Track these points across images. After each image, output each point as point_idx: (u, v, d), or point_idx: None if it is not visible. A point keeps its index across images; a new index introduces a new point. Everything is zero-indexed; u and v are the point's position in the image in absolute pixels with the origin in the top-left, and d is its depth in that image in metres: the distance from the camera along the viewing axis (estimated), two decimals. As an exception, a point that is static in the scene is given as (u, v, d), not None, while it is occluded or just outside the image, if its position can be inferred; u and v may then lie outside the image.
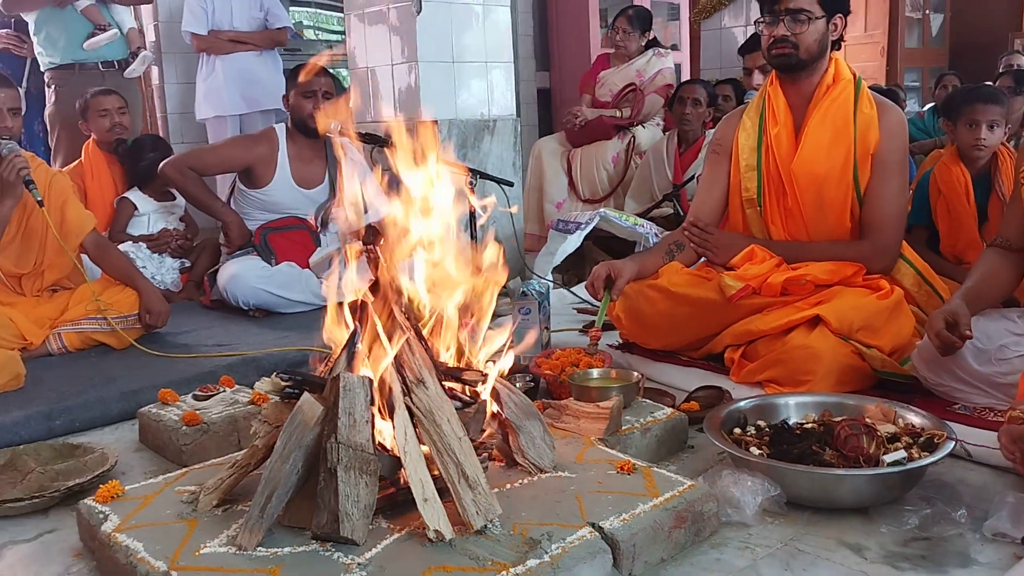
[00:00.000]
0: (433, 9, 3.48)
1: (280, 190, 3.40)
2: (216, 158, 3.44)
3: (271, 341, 2.73)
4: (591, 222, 3.29)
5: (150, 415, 2.01)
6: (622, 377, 1.99)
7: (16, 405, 2.20)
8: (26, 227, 2.78)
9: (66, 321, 2.74)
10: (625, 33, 4.57)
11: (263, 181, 3.38)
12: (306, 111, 3.34)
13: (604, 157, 4.40)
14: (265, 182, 3.39)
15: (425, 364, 1.49)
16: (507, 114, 3.78)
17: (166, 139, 4.64)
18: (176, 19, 4.55)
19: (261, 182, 3.38)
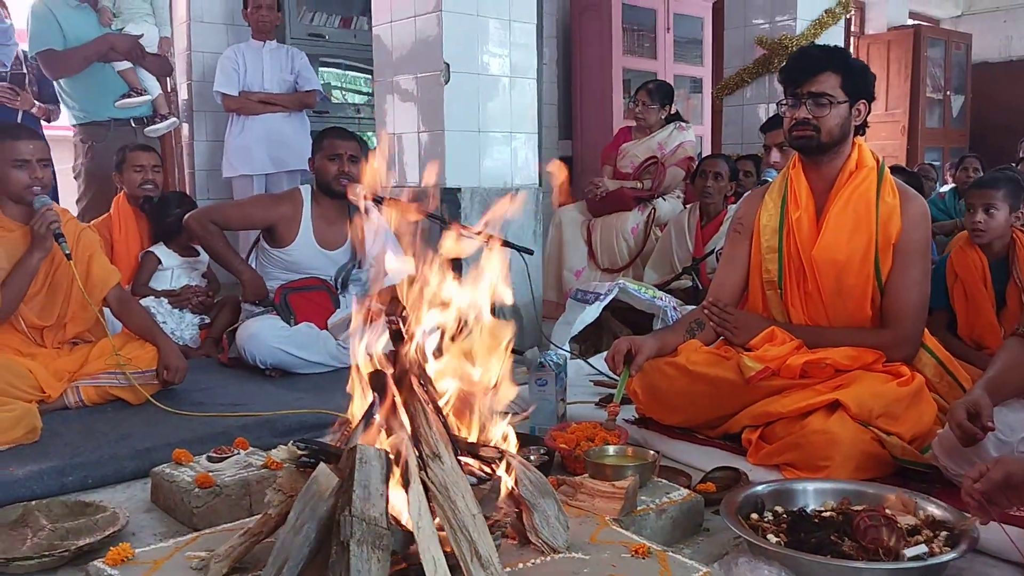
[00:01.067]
0: (461, 79, 3.55)
1: (302, 250, 3.44)
2: (240, 213, 3.49)
3: (287, 402, 2.73)
4: (610, 293, 3.30)
5: (163, 475, 2.00)
6: (638, 456, 1.97)
7: (31, 459, 2.21)
8: (52, 280, 2.82)
9: (85, 375, 2.76)
10: (645, 106, 4.64)
11: (286, 240, 3.43)
12: (331, 174, 3.40)
13: (624, 228, 4.44)
14: (287, 241, 3.43)
15: (442, 438, 1.48)
16: (530, 183, 3.82)
17: (192, 195, 4.73)
18: (208, 79, 4.67)
19: (284, 241, 3.43)
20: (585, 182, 5.09)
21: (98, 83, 4.10)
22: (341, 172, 3.40)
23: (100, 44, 4.06)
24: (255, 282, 3.40)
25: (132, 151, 3.73)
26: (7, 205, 2.77)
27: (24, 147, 2.71)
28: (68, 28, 4.02)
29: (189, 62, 4.92)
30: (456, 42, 3.52)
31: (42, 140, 2.80)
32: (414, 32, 3.61)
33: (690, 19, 6.67)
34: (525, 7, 3.75)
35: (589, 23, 6.26)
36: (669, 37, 6.48)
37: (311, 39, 5.17)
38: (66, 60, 4.04)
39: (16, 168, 2.70)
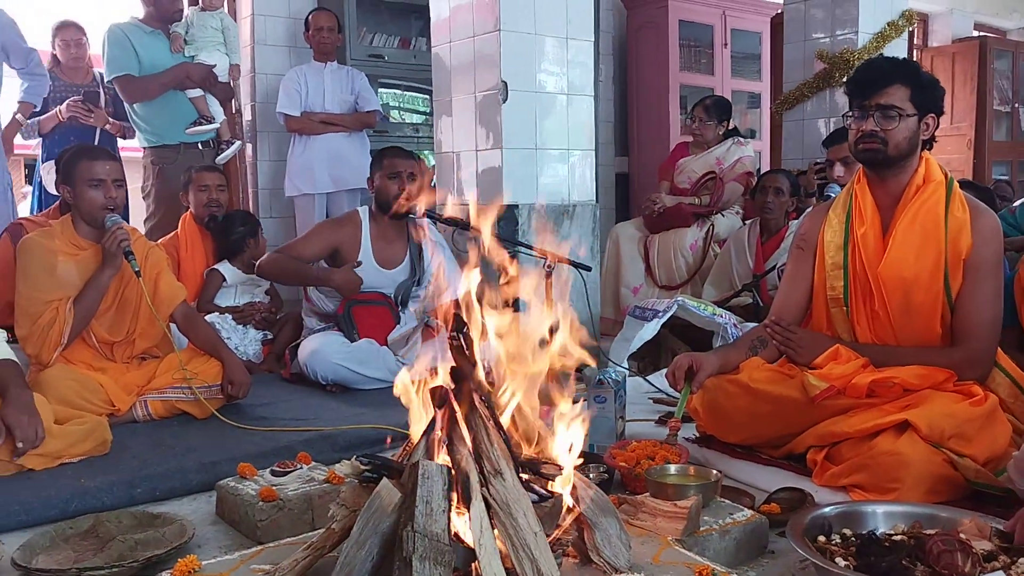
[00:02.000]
0: (518, 97, 3.57)
1: (362, 271, 3.48)
2: (307, 248, 3.49)
3: (348, 417, 2.77)
4: (669, 310, 3.27)
5: (228, 488, 2.04)
6: (700, 475, 1.94)
7: (101, 471, 2.27)
8: (122, 296, 2.91)
9: (152, 389, 2.83)
10: (702, 122, 4.61)
11: (346, 262, 3.47)
12: (391, 193, 3.44)
13: (682, 244, 4.40)
14: (347, 261, 3.48)
15: (503, 455, 1.48)
16: (587, 199, 3.82)
17: (256, 214, 4.83)
18: (271, 100, 4.77)
19: (344, 263, 3.47)
20: (642, 198, 5.07)
21: (170, 108, 4.23)
22: (400, 191, 3.44)
23: (177, 72, 4.18)
24: (347, 278, 3.37)
25: (198, 172, 3.83)
26: (81, 224, 2.86)
27: (100, 168, 2.80)
28: (143, 54, 4.16)
29: (253, 84, 5.04)
30: (514, 60, 3.55)
31: (117, 161, 2.89)
32: (473, 51, 3.65)
33: (748, 34, 6.61)
34: (582, 25, 3.76)
35: (645, 40, 6.25)
36: (726, 52, 6.44)
37: (371, 60, 5.26)
38: (143, 86, 4.17)
39: (92, 188, 2.80)
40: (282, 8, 5.11)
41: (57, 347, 2.73)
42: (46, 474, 2.27)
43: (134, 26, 4.21)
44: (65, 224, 2.88)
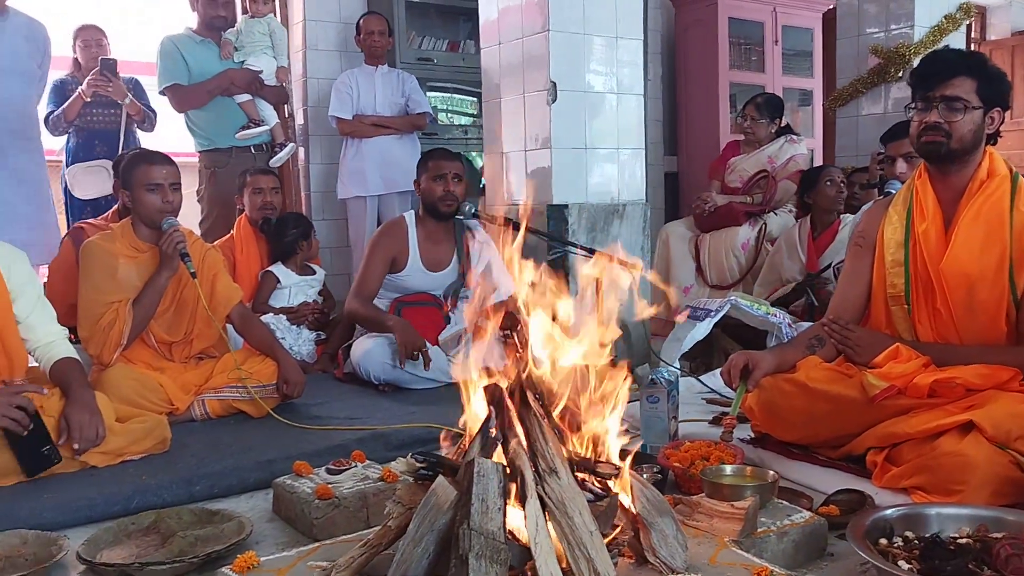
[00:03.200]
0: (567, 97, 3.57)
1: (411, 275, 3.51)
2: (373, 274, 3.49)
3: (400, 417, 2.78)
4: (721, 310, 3.23)
5: (284, 486, 2.06)
6: (757, 475, 1.91)
7: (161, 469, 2.32)
8: (179, 298, 2.96)
9: (210, 388, 2.88)
10: (754, 120, 4.55)
11: (397, 267, 3.50)
12: (437, 194, 3.46)
13: (734, 243, 4.35)
14: (399, 268, 3.51)
15: (558, 453, 1.48)
16: (637, 199, 3.80)
17: (308, 216, 4.90)
18: (323, 104, 4.83)
19: (395, 268, 3.50)
20: (692, 197, 5.02)
21: (220, 114, 4.31)
22: (446, 192, 3.45)
23: (222, 79, 4.26)
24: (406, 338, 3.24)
25: (253, 175, 3.90)
26: (140, 227, 2.93)
27: (158, 172, 2.86)
28: (193, 63, 4.24)
29: (305, 89, 5.11)
30: (563, 61, 3.54)
31: (174, 166, 2.95)
32: (521, 53, 3.65)
33: (799, 31, 6.52)
34: (632, 24, 3.75)
35: (695, 38, 6.20)
36: (777, 49, 6.35)
37: (420, 63, 5.29)
38: (191, 94, 4.25)
39: (150, 192, 2.86)
40: (333, 13, 5.16)
41: (117, 347, 2.80)
42: (108, 471, 2.33)
43: (185, 36, 4.30)
44: (125, 227, 2.95)
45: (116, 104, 4.43)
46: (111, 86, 4.31)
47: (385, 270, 3.51)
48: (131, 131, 4.54)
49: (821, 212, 3.97)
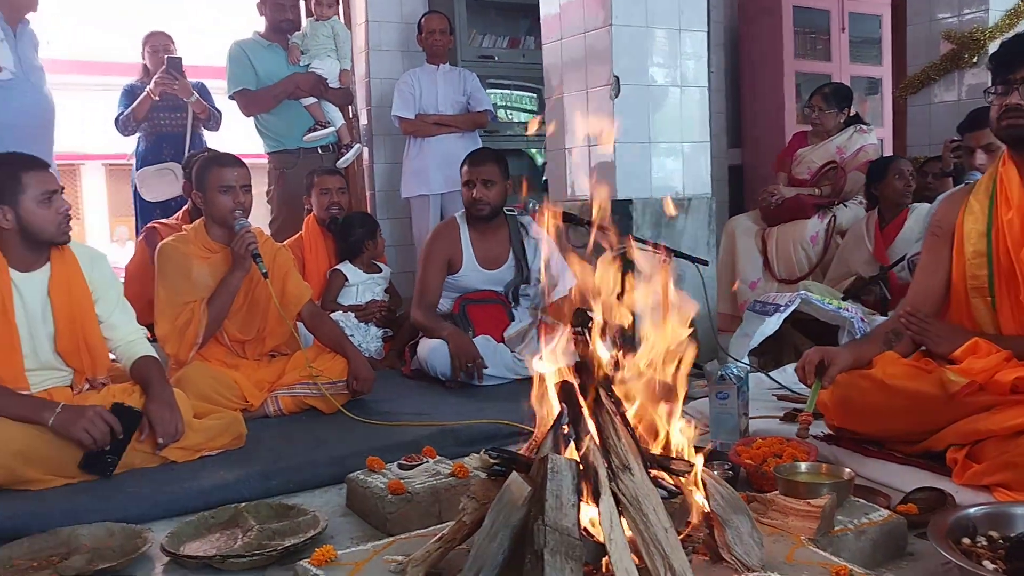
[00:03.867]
0: (630, 91, 3.54)
1: (468, 274, 3.54)
2: (432, 281, 3.52)
3: (468, 413, 2.80)
4: (791, 304, 3.17)
5: (358, 481, 2.10)
6: (833, 473, 1.88)
7: (238, 464, 2.38)
8: (252, 296, 3.04)
9: (282, 385, 2.94)
10: (821, 111, 4.46)
11: (453, 268, 3.53)
12: (466, 200, 3.54)
13: (802, 236, 4.27)
14: (455, 269, 3.54)
15: (631, 450, 1.47)
16: (702, 192, 3.75)
17: (373, 214, 4.96)
18: (386, 104, 4.88)
19: (451, 269, 3.54)
20: (757, 190, 4.94)
21: (288, 116, 4.39)
22: (472, 200, 3.47)
23: (287, 84, 4.34)
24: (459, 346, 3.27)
25: (319, 176, 3.97)
26: (212, 228, 3.01)
27: (229, 174, 2.94)
28: (260, 67, 4.33)
29: (368, 89, 5.17)
30: (626, 55, 3.52)
31: (245, 167, 3.02)
32: (583, 48, 3.64)
33: (867, 17, 6.36)
34: (695, 16, 3.70)
35: (758, 28, 6.10)
36: (844, 37, 6.21)
37: (481, 61, 5.32)
38: (258, 99, 4.35)
39: (222, 193, 2.93)
40: (394, 13, 5.22)
41: (193, 346, 2.88)
42: (188, 466, 2.40)
43: (253, 41, 4.39)
44: (198, 229, 3.03)
45: (182, 107, 4.55)
46: (177, 84, 4.42)
47: (443, 274, 3.53)
48: (197, 132, 4.66)
49: (889, 204, 3.88)
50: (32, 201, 2.36)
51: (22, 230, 2.38)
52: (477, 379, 3.19)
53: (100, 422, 2.25)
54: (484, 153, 3.62)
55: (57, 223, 2.41)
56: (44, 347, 2.46)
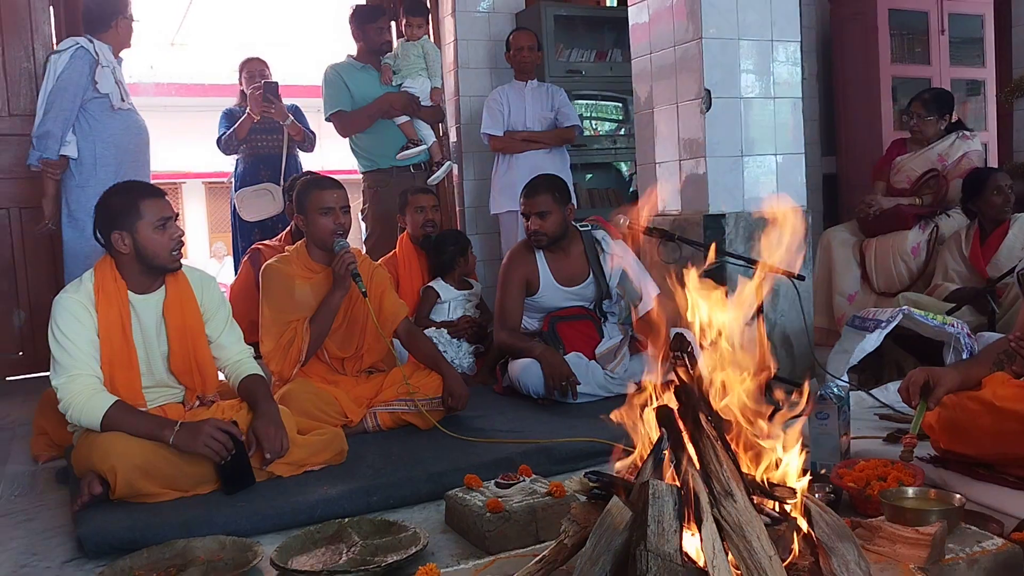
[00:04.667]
0: (721, 104, 3.51)
1: (548, 294, 3.54)
2: (512, 303, 3.53)
3: (561, 430, 2.82)
4: (893, 320, 3.08)
5: (457, 499, 2.13)
6: (942, 499, 1.83)
7: (341, 479, 2.45)
8: (351, 315, 3.12)
9: (380, 401, 3.02)
10: (920, 118, 4.32)
11: (532, 289, 3.55)
12: (527, 231, 3.52)
13: (903, 248, 4.13)
14: (534, 290, 3.55)
15: (733, 476, 1.46)
16: (797, 205, 3.68)
17: (463, 231, 5.04)
18: (475, 121, 4.96)
19: (530, 290, 3.54)
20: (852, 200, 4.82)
21: (381, 136, 4.51)
22: (530, 232, 3.49)
23: (380, 103, 4.46)
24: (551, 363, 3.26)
25: (413, 194, 4.05)
26: (313, 249, 3.11)
27: (329, 196, 3.04)
28: (355, 89, 4.46)
29: (457, 106, 5.26)
30: (717, 67, 3.49)
31: (343, 189, 3.12)
32: (674, 61, 3.63)
33: (968, 18, 6.12)
34: (788, 26, 3.65)
35: (852, 32, 5.94)
36: (943, 39, 5.99)
37: (569, 75, 5.35)
38: (353, 120, 4.48)
39: (322, 215, 3.03)
40: (483, 31, 5.30)
41: (297, 363, 2.98)
42: (293, 481, 2.48)
43: (347, 64, 4.53)
44: (300, 250, 3.14)
45: (279, 129, 4.73)
46: (274, 108, 4.61)
47: (522, 295, 3.54)
48: (293, 154, 4.85)
49: (988, 219, 3.76)
50: (148, 227, 2.49)
51: (138, 255, 2.51)
52: (572, 397, 3.20)
53: (219, 433, 2.35)
54: (538, 184, 3.56)
55: (170, 249, 2.53)
56: (159, 366, 2.59)
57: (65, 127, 3.62)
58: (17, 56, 4.45)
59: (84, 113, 3.66)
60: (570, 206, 3.59)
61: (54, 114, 3.60)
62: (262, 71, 4.84)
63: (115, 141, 3.72)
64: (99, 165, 3.68)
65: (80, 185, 3.69)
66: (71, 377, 2.39)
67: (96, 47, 3.65)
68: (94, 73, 3.64)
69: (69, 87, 3.60)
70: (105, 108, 3.69)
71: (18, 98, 4.38)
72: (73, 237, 3.72)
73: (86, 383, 2.40)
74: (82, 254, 3.65)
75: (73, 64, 3.60)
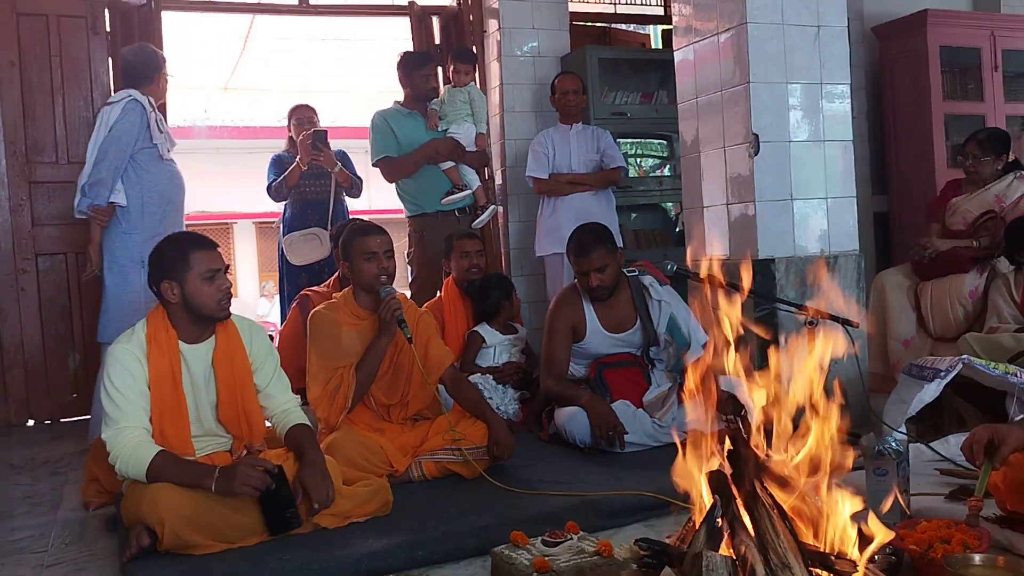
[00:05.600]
0: (771, 148, 3.47)
1: (595, 340, 3.50)
2: (559, 350, 3.48)
3: (608, 482, 2.76)
4: (952, 370, 2.97)
5: (503, 556, 2.09)
6: (1012, 567, 1.74)
7: (386, 532, 2.42)
8: (396, 361, 3.12)
9: (426, 451, 2.99)
10: (976, 159, 4.22)
11: (579, 336, 3.50)
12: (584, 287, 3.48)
13: (960, 292, 4.02)
14: (580, 336, 3.51)
15: (790, 547, 1.41)
16: (849, 249, 3.61)
17: (508, 273, 5.03)
18: (520, 164, 4.98)
19: (577, 337, 3.50)
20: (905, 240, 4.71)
21: (427, 181, 4.54)
22: (589, 288, 3.45)
23: (426, 149, 4.49)
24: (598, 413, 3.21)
25: (459, 239, 4.06)
26: (360, 295, 3.13)
27: (372, 242, 3.06)
28: (401, 134, 4.51)
29: (503, 150, 5.29)
30: (765, 111, 3.46)
31: (387, 235, 3.14)
32: (720, 105, 3.60)
33: (1022, 54, 6.01)
34: (838, 69, 3.61)
35: (902, 70, 5.86)
36: (997, 76, 5.88)
37: (614, 117, 5.36)
38: (399, 165, 4.52)
39: (366, 261, 3.05)
40: (528, 76, 5.34)
41: (343, 410, 2.99)
42: (337, 533, 2.46)
43: (394, 111, 4.58)
44: (347, 297, 3.15)
45: (326, 175, 4.80)
46: (322, 156, 4.68)
47: (569, 341, 3.50)
48: (340, 199, 4.90)
49: None
50: (197, 278, 2.52)
51: (186, 304, 2.54)
52: (619, 446, 3.15)
53: (253, 471, 2.35)
54: (586, 240, 3.47)
55: (217, 300, 2.55)
56: (207, 415, 2.61)
57: (116, 175, 3.72)
58: (76, 106, 4.59)
59: (133, 162, 3.76)
60: (620, 252, 3.56)
61: (107, 163, 3.70)
62: (311, 118, 4.92)
63: (160, 190, 3.82)
64: (146, 213, 3.78)
65: (126, 232, 3.77)
66: (119, 429, 2.42)
67: (146, 100, 3.78)
68: (148, 124, 3.75)
69: (123, 137, 3.71)
70: (153, 158, 3.80)
71: (77, 146, 4.50)
72: (115, 283, 3.79)
73: (133, 435, 2.42)
74: (125, 300, 3.73)
75: (127, 115, 3.72)
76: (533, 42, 5.37)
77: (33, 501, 3.13)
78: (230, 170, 13.72)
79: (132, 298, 3.72)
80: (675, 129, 3.97)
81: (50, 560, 2.49)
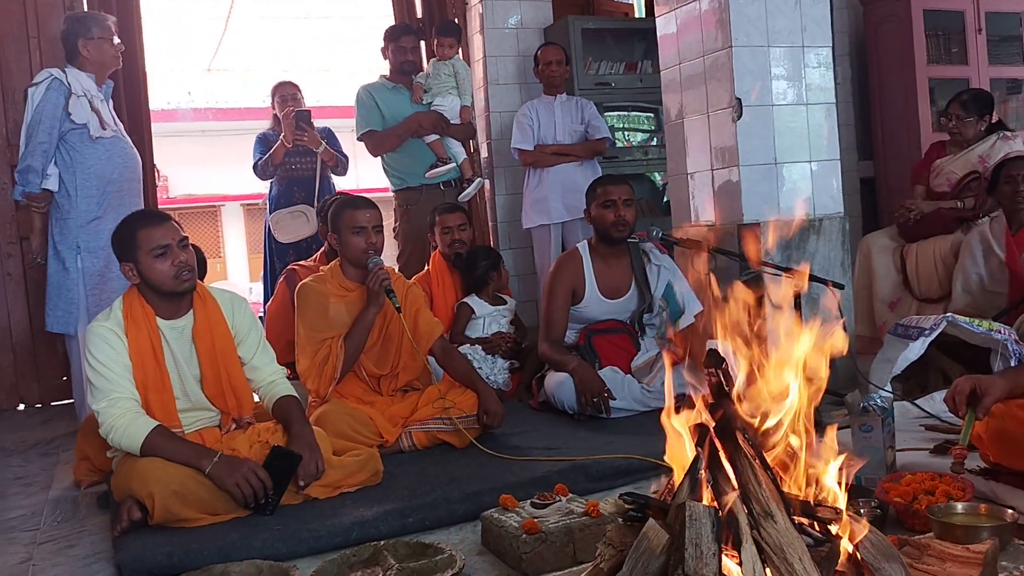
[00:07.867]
0: (754, 112, 3.47)
1: (590, 304, 3.52)
2: (557, 314, 3.50)
3: (597, 447, 2.78)
4: (937, 327, 2.99)
5: (493, 520, 2.11)
6: (993, 514, 1.77)
7: (377, 501, 2.44)
8: (386, 332, 3.13)
9: (416, 421, 3.01)
10: (959, 119, 4.23)
11: (576, 299, 3.52)
12: (608, 220, 3.47)
13: (944, 252, 4.04)
14: (578, 299, 3.52)
15: (772, 496, 1.42)
16: (834, 212, 3.62)
17: (496, 246, 5.03)
18: (505, 136, 4.96)
19: (574, 300, 3.52)
20: (891, 204, 4.73)
21: (410, 155, 4.52)
22: (618, 218, 3.44)
23: (410, 123, 4.47)
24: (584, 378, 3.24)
25: (440, 215, 4.04)
26: (347, 268, 3.13)
27: (361, 215, 3.05)
28: (386, 108, 4.48)
29: (488, 122, 5.26)
30: (747, 76, 3.45)
31: (376, 209, 3.13)
32: (703, 71, 3.59)
33: (1005, 16, 6.00)
34: (820, 32, 3.59)
35: (886, 34, 5.85)
36: (981, 38, 5.88)
37: (598, 88, 5.34)
38: (383, 139, 4.50)
39: (355, 234, 3.04)
40: (512, 48, 5.30)
41: (332, 381, 2.99)
42: (328, 503, 2.47)
43: (379, 84, 4.56)
44: (334, 269, 3.15)
45: (312, 153, 4.78)
46: (307, 136, 4.66)
47: (567, 306, 3.51)
48: (326, 176, 4.88)
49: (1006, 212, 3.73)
50: (148, 256, 2.49)
51: (146, 283, 2.52)
52: (605, 412, 3.17)
53: (253, 479, 2.35)
54: (616, 176, 3.66)
55: (173, 275, 2.50)
56: (194, 389, 2.61)
57: (45, 160, 3.48)
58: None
59: (64, 144, 3.52)
60: None
61: (32, 147, 3.47)
62: (294, 94, 4.89)
63: (97, 171, 3.56)
64: (80, 196, 3.54)
65: (62, 217, 3.57)
66: (111, 401, 2.42)
67: (70, 76, 3.53)
68: (68, 104, 3.50)
69: (44, 119, 3.47)
70: (84, 138, 3.54)
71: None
72: (55, 270, 3.61)
73: (126, 407, 2.42)
74: (63, 288, 3.57)
75: (48, 96, 3.48)
76: (516, 14, 5.33)
77: (25, 482, 3.13)
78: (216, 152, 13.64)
79: (70, 285, 3.56)
80: (660, 100, 3.96)
81: (43, 537, 2.49)
